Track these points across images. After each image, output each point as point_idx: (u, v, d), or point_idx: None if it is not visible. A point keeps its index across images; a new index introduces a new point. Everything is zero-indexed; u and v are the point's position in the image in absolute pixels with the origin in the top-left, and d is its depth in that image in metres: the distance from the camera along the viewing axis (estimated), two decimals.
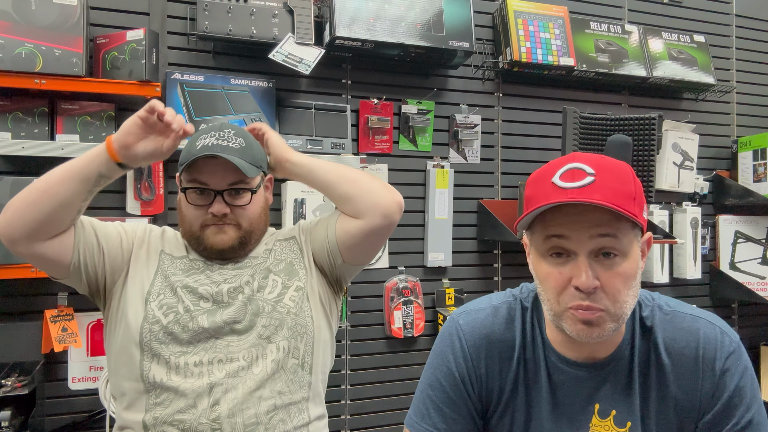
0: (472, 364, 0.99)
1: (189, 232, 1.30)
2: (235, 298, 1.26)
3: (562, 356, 0.96)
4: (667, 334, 0.94)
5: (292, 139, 2.03)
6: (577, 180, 0.85)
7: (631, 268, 0.86)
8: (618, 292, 0.85)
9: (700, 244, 2.59)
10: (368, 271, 2.19)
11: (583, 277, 0.84)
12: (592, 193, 0.83)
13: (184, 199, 1.29)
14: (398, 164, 2.24)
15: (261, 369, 1.22)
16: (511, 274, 2.39)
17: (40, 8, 1.67)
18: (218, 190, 1.25)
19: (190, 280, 1.27)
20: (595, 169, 0.85)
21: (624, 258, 0.85)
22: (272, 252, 1.36)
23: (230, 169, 1.24)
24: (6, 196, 1.64)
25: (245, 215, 1.29)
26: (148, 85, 1.79)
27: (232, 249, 1.29)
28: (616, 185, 0.84)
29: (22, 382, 1.63)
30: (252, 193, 1.30)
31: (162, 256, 1.31)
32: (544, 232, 0.88)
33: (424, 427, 0.99)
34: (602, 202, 0.81)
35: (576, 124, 2.17)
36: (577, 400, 0.96)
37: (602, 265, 0.85)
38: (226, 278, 1.28)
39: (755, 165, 2.63)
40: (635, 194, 0.86)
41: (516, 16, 2.29)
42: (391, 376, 2.21)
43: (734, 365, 0.91)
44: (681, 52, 2.56)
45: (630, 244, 0.86)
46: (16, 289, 1.78)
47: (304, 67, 1.94)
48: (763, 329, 2.75)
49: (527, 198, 0.92)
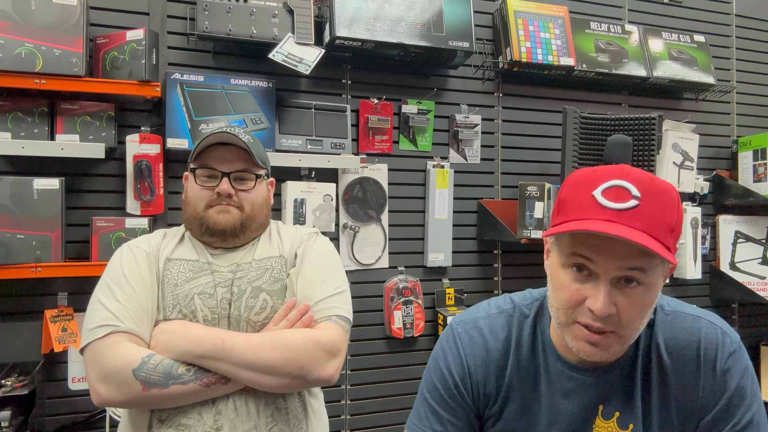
0: (467, 371, 1.00)
1: (193, 214, 1.33)
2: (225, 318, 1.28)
3: (567, 362, 0.96)
4: (669, 334, 0.94)
5: (292, 139, 2.03)
6: (620, 201, 0.81)
7: (651, 299, 0.84)
8: (633, 320, 0.84)
9: (700, 244, 2.59)
10: (368, 271, 2.19)
11: (600, 303, 0.81)
12: (632, 219, 0.79)
13: (192, 183, 1.33)
14: (398, 164, 2.24)
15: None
16: (511, 274, 2.39)
17: (40, 8, 1.67)
18: (226, 172, 1.32)
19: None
20: (641, 191, 0.81)
21: (646, 290, 0.83)
22: (268, 262, 1.37)
23: (238, 157, 1.32)
24: (6, 196, 1.65)
25: (248, 199, 1.34)
26: (148, 85, 1.79)
27: (233, 229, 1.32)
28: (658, 214, 0.81)
29: (22, 382, 1.63)
30: (257, 179, 1.36)
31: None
32: (571, 247, 0.85)
33: (421, 429, 1.01)
34: (636, 239, 0.77)
35: (576, 124, 2.17)
36: (580, 405, 0.95)
37: (622, 292, 0.83)
38: (222, 281, 1.30)
39: (755, 165, 2.63)
40: (675, 225, 0.82)
41: (516, 16, 2.29)
42: (391, 376, 2.21)
43: (735, 365, 0.91)
44: (681, 52, 2.56)
45: (656, 277, 0.84)
46: (16, 289, 1.78)
47: (304, 67, 1.94)
48: (763, 329, 2.75)
49: (562, 199, 0.89)
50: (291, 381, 1.19)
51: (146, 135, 1.87)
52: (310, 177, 2.08)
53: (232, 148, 1.33)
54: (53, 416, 1.81)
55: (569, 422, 0.96)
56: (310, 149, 2.05)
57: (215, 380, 1.17)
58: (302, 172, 2.08)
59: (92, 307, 1.22)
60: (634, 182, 0.82)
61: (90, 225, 1.78)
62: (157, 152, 1.87)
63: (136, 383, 1.12)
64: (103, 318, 1.19)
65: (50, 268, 1.67)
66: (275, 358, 1.17)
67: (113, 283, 1.24)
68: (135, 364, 1.13)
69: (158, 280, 1.28)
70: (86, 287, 1.84)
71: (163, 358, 1.16)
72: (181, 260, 1.32)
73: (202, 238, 1.34)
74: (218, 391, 1.18)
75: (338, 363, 1.24)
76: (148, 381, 1.12)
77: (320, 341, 1.22)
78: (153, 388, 1.12)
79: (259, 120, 1.97)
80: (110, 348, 1.15)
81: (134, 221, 1.80)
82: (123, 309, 1.20)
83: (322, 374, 1.20)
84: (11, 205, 1.65)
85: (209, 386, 1.16)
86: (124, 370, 1.12)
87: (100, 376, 1.14)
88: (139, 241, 1.34)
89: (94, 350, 1.16)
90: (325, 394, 2.10)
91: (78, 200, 1.85)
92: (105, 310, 1.20)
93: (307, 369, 1.19)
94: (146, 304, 1.24)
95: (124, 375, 1.12)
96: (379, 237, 2.21)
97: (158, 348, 1.18)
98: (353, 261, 2.17)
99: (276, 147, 1.99)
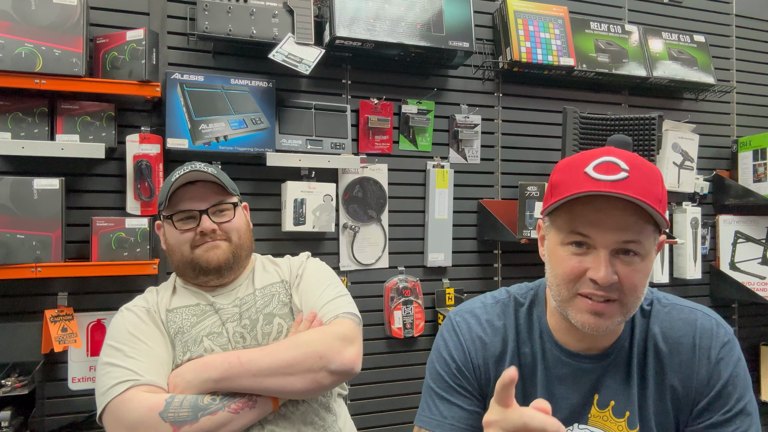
0: (468, 356, 1.02)
1: (181, 259, 1.30)
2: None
3: (564, 348, 0.98)
4: (666, 324, 0.98)
5: (292, 139, 2.03)
6: (611, 173, 0.85)
7: (648, 268, 0.89)
8: (634, 287, 0.87)
9: (700, 244, 2.59)
10: (368, 271, 2.19)
11: (602, 271, 0.85)
12: (625, 188, 0.83)
13: (171, 229, 1.31)
14: (398, 164, 2.24)
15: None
16: (511, 274, 2.39)
17: (40, 8, 1.67)
18: (203, 209, 1.29)
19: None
20: (629, 165, 0.86)
21: (642, 259, 0.87)
22: (265, 290, 1.36)
23: (209, 192, 1.31)
24: (6, 196, 1.65)
25: (233, 228, 1.33)
26: (148, 85, 1.79)
27: (227, 263, 1.30)
28: (647, 185, 0.85)
29: (22, 382, 1.63)
30: (234, 207, 1.34)
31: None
32: (569, 225, 0.89)
33: (431, 418, 1.02)
34: (637, 195, 0.82)
35: (576, 124, 2.17)
36: (576, 392, 0.98)
37: (622, 261, 0.87)
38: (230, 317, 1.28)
39: (755, 165, 2.63)
40: (662, 197, 0.88)
41: (516, 16, 2.29)
42: (391, 376, 2.21)
43: (728, 355, 0.94)
44: (681, 52, 2.56)
45: (651, 246, 0.88)
46: (16, 289, 1.78)
47: (304, 67, 1.94)
48: (763, 329, 2.75)
49: (554, 183, 0.92)
50: (315, 375, 1.16)
51: (146, 135, 1.87)
52: (310, 177, 2.08)
53: (200, 185, 1.31)
54: (53, 416, 1.80)
55: (565, 409, 0.98)
56: (310, 149, 2.05)
57: (243, 404, 1.13)
58: (302, 172, 2.08)
59: (102, 372, 1.16)
60: (621, 158, 0.87)
61: (90, 225, 1.77)
62: (157, 152, 1.87)
63: (165, 425, 1.07)
64: (118, 376, 1.13)
65: (50, 268, 1.67)
66: (293, 355, 1.16)
67: (120, 344, 1.19)
68: (160, 408, 1.09)
69: (166, 333, 1.25)
70: (86, 287, 1.84)
71: (186, 396, 1.12)
72: (182, 308, 1.29)
73: (197, 280, 1.32)
74: (248, 417, 1.14)
75: (356, 350, 1.21)
76: (177, 420, 1.08)
77: (334, 331, 1.21)
78: (184, 425, 1.08)
79: (259, 120, 1.97)
80: (131, 401, 1.10)
81: (134, 221, 1.80)
82: (139, 364, 1.15)
83: (344, 360, 1.17)
84: (11, 205, 1.65)
85: (238, 412, 1.12)
86: (151, 416, 1.08)
87: (127, 430, 1.08)
88: (135, 302, 1.32)
89: (114, 408, 1.10)
90: None
91: (78, 200, 1.85)
92: (119, 369, 1.14)
93: (327, 358, 1.16)
94: (162, 357, 1.20)
95: (151, 421, 1.07)
96: (379, 237, 2.21)
97: (177, 389, 1.14)
98: (353, 261, 2.17)
99: (276, 147, 1.99)
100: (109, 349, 1.19)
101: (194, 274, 1.31)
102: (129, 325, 1.23)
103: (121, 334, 1.21)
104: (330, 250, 2.15)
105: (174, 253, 1.32)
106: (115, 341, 1.20)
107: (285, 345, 1.19)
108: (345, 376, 1.20)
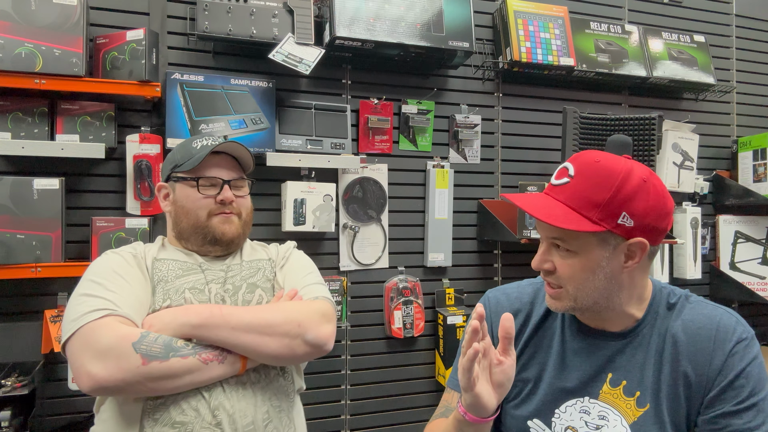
0: (491, 325, 1.12)
1: (194, 223, 1.33)
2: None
3: (582, 324, 1.09)
4: (688, 317, 1.04)
5: (292, 139, 2.03)
6: (558, 178, 1.00)
7: (585, 264, 0.98)
8: (570, 278, 0.99)
9: (700, 244, 2.59)
10: (368, 271, 2.19)
11: (534, 259, 1.04)
12: (560, 192, 0.98)
13: (192, 192, 1.33)
14: (398, 164, 2.24)
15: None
16: (511, 274, 2.39)
17: (40, 8, 1.67)
18: (226, 179, 1.36)
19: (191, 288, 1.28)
20: (576, 171, 0.97)
21: (575, 255, 0.98)
22: (254, 263, 1.40)
23: (232, 165, 1.39)
24: (6, 196, 1.65)
25: (245, 205, 1.40)
26: (148, 85, 1.79)
27: (237, 238, 1.36)
28: (585, 192, 0.94)
29: (22, 382, 1.63)
30: (249, 184, 1.43)
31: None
32: None
33: (456, 380, 1.09)
34: (547, 218, 0.94)
35: (576, 124, 2.17)
36: (589, 365, 1.06)
37: (557, 253, 1.01)
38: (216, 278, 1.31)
39: (755, 165, 2.63)
40: (608, 202, 0.93)
41: (516, 16, 2.29)
42: (391, 376, 2.21)
43: (744, 350, 0.98)
44: (681, 52, 2.56)
45: (584, 245, 0.97)
46: (16, 289, 1.78)
47: (304, 67, 1.94)
48: (763, 329, 2.75)
49: None
50: (291, 342, 1.19)
51: (146, 135, 1.87)
52: (310, 177, 2.08)
53: (224, 156, 1.37)
54: (53, 416, 1.81)
55: (576, 379, 1.06)
56: (310, 149, 2.05)
57: (213, 357, 1.14)
58: (302, 172, 2.08)
59: (76, 302, 1.14)
60: (576, 164, 0.98)
61: (90, 225, 1.78)
62: (157, 152, 1.87)
63: (135, 356, 1.06)
64: (95, 305, 1.12)
65: (50, 268, 1.67)
66: (274, 316, 1.19)
67: (101, 278, 1.18)
68: (134, 339, 1.08)
69: (150, 279, 1.26)
70: None
71: (161, 335, 1.12)
72: (169, 260, 1.31)
73: (201, 248, 1.34)
74: (215, 371, 1.14)
75: (332, 328, 1.26)
76: (148, 354, 1.07)
77: (314, 307, 1.26)
78: (153, 361, 1.07)
79: (259, 120, 1.97)
80: (106, 327, 1.09)
81: (134, 221, 1.80)
82: (118, 297, 1.15)
83: (319, 334, 1.22)
84: (11, 205, 1.65)
85: (207, 363, 1.13)
86: (123, 344, 1.07)
87: (96, 354, 1.06)
88: (122, 248, 1.32)
89: (85, 333, 1.09)
90: (326, 393, 2.12)
91: (78, 200, 1.85)
92: (96, 299, 1.13)
93: (305, 327, 1.20)
94: (142, 298, 1.20)
95: (122, 348, 1.06)
96: (379, 237, 2.21)
97: (153, 328, 1.14)
98: (353, 261, 2.17)
99: (276, 147, 1.99)
100: (88, 283, 1.18)
101: (201, 242, 1.33)
102: (113, 264, 1.23)
103: (103, 270, 1.21)
104: (330, 250, 2.15)
105: (186, 216, 1.33)
106: (95, 276, 1.20)
107: (267, 307, 1.25)
108: (317, 350, 1.23)
